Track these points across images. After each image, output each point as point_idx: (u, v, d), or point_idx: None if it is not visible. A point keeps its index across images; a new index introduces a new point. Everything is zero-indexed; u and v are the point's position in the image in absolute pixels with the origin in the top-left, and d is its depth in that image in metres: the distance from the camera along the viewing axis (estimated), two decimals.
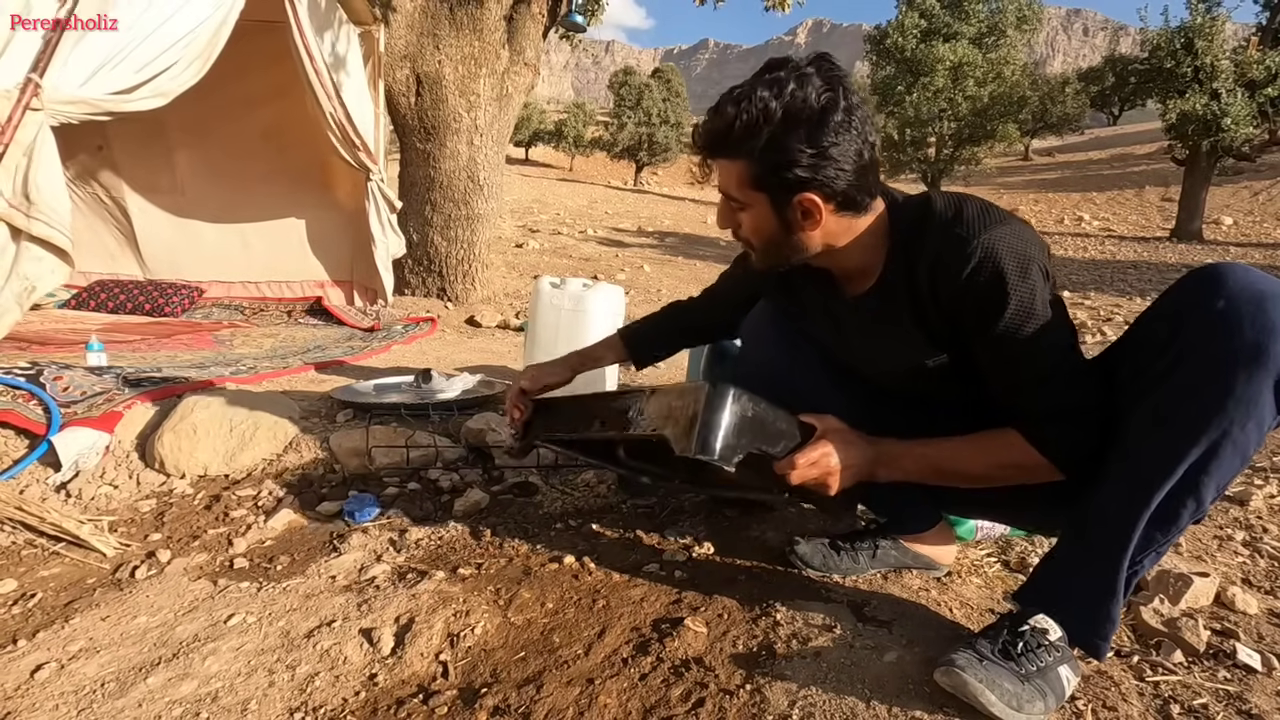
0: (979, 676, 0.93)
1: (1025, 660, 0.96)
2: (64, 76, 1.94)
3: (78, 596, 1.26)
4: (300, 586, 1.28)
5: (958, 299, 1.00)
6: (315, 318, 4.34)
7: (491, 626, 1.17)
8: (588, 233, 11.68)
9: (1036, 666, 0.96)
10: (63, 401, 1.90)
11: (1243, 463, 0.89)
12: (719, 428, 0.99)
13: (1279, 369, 0.83)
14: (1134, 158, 25.81)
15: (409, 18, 4.25)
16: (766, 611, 1.19)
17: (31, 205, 1.83)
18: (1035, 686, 0.94)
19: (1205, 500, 0.91)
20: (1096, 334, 4.39)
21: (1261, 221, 16.03)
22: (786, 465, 1.05)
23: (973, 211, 1.00)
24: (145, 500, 1.65)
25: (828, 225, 1.04)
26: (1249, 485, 1.99)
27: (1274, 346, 0.83)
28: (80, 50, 1.97)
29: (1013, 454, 1.02)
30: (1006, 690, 0.92)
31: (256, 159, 4.43)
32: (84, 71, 1.99)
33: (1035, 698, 0.93)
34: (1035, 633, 0.98)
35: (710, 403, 1.00)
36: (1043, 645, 0.97)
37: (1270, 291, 0.84)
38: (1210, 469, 0.88)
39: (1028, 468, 1.02)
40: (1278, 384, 0.84)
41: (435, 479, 1.76)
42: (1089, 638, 0.99)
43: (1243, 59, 13.16)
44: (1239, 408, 0.85)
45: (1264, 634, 1.19)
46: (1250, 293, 0.85)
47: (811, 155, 0.97)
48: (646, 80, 31.78)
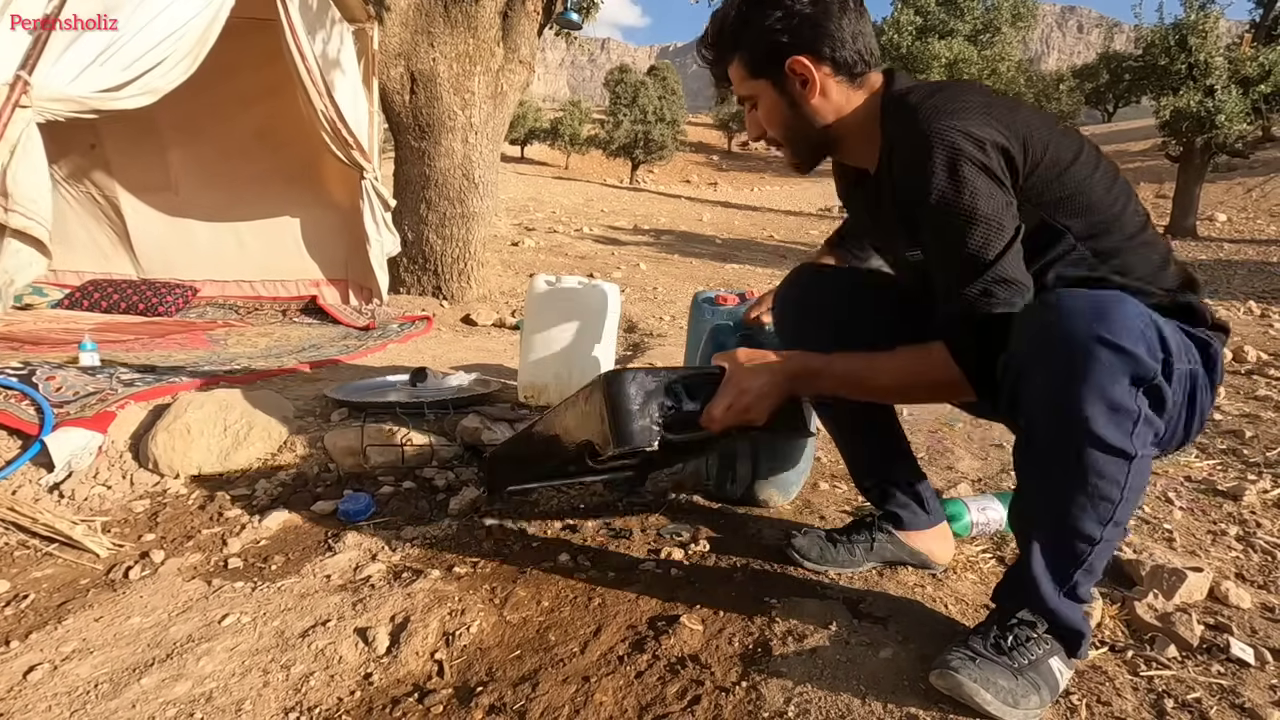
0: (973, 676, 0.93)
1: (1017, 654, 0.96)
2: (52, 74, 1.93)
3: (71, 597, 1.25)
4: (295, 586, 1.28)
5: (900, 187, 1.02)
6: (310, 316, 4.33)
7: (487, 625, 1.17)
8: (584, 231, 11.67)
9: (1029, 660, 0.96)
10: (55, 401, 1.89)
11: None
12: (629, 416, 1.03)
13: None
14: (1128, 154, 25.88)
15: (403, 15, 4.24)
16: (762, 609, 1.19)
17: (9, 199, 1.82)
18: (1029, 680, 0.94)
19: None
20: None
21: (1255, 218, 16.08)
22: (707, 420, 1.08)
23: (937, 100, 0.99)
24: (139, 500, 1.64)
25: (829, 92, 1.08)
26: (1242, 480, 2.00)
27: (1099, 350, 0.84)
28: (69, 48, 1.95)
29: (931, 367, 1.01)
30: (1001, 688, 0.92)
31: (250, 158, 4.41)
32: (72, 69, 1.98)
33: (1030, 692, 0.93)
34: (1024, 625, 0.98)
35: (611, 395, 1.04)
36: (1032, 638, 0.98)
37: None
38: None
39: (943, 384, 1.02)
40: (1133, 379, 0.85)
41: (430, 478, 1.75)
42: (1062, 633, 0.99)
43: (1236, 56, 13.19)
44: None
45: (1257, 628, 1.19)
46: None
47: (781, 18, 1.04)
48: (642, 78, 31.72)
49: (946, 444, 2.17)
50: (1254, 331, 4.17)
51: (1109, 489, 0.89)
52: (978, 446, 2.18)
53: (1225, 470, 2.13)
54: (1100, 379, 0.84)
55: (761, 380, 1.08)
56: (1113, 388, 0.85)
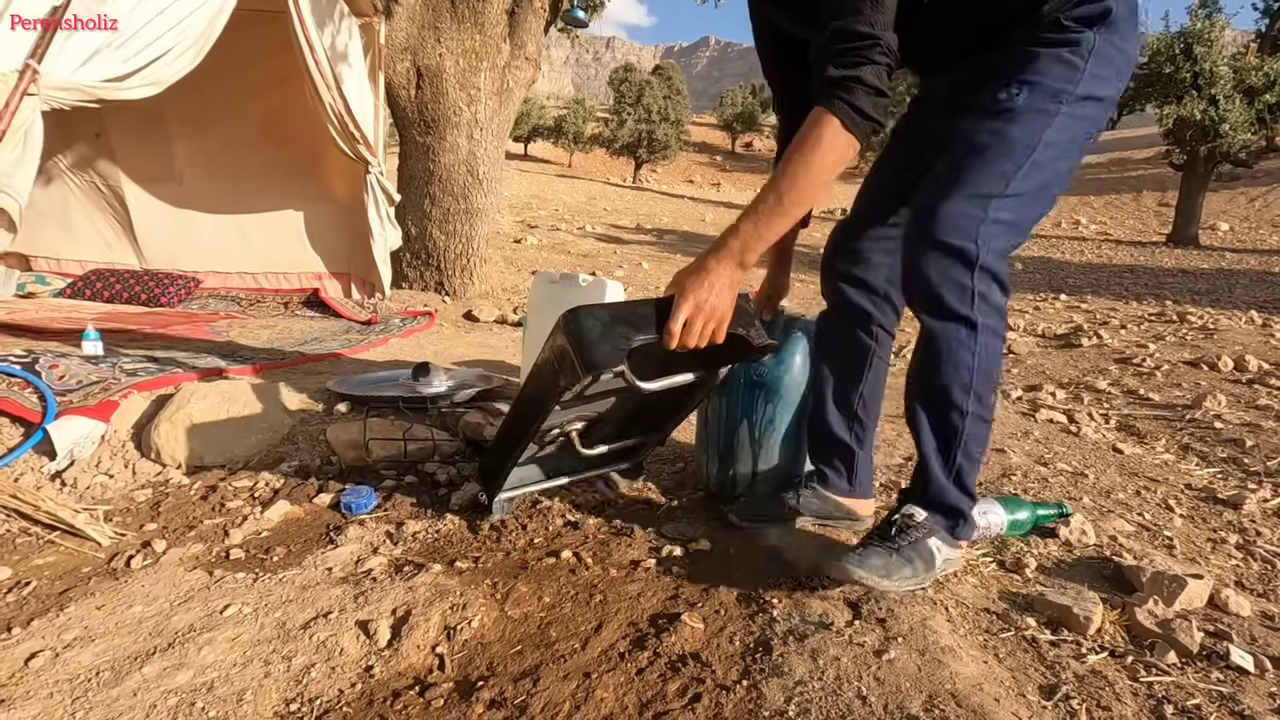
0: (853, 561, 1.16)
1: (898, 538, 1.20)
2: (59, 63, 1.92)
3: (73, 585, 1.25)
4: (296, 578, 1.28)
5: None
6: (312, 310, 4.33)
7: (489, 620, 1.17)
8: (586, 229, 11.66)
9: (908, 541, 1.19)
10: (59, 390, 1.89)
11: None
12: (591, 344, 1.10)
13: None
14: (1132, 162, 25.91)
15: (410, 10, 4.23)
16: (763, 608, 1.19)
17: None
18: (903, 556, 1.18)
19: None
20: (1093, 336, 4.39)
21: (1257, 228, 16.10)
22: (669, 339, 1.11)
23: None
24: (141, 490, 1.65)
25: None
26: (1242, 489, 2.00)
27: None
28: (76, 37, 1.95)
29: (819, 134, 1.06)
30: (875, 565, 1.16)
31: (255, 150, 4.41)
32: (79, 58, 1.98)
33: (903, 565, 1.17)
34: (905, 517, 1.23)
35: (572, 330, 1.11)
36: (912, 525, 1.21)
37: None
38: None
39: (827, 141, 1.06)
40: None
41: (432, 472, 1.75)
42: (942, 515, 1.23)
43: (1241, 65, 13.20)
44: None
45: (1257, 636, 1.20)
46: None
47: None
48: (647, 77, 31.73)
49: None
50: (1255, 341, 4.17)
51: (963, 354, 1.14)
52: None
53: (1225, 479, 2.13)
54: (943, 268, 1.11)
55: (709, 277, 1.11)
56: (951, 272, 1.11)
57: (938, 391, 1.17)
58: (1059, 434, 2.49)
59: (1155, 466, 2.20)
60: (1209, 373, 3.38)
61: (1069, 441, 2.39)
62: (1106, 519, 1.69)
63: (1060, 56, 1.10)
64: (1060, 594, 1.26)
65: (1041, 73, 1.10)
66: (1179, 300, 6.82)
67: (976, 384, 1.15)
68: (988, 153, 1.11)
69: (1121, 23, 1.11)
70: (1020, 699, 1.00)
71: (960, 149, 1.14)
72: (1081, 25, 1.09)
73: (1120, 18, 1.10)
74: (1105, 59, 1.10)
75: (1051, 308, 6.35)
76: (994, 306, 1.14)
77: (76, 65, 1.99)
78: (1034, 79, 1.10)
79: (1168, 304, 6.45)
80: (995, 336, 1.15)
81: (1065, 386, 3.23)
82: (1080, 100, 1.11)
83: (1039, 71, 1.10)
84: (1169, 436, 2.53)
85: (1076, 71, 1.10)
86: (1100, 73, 1.11)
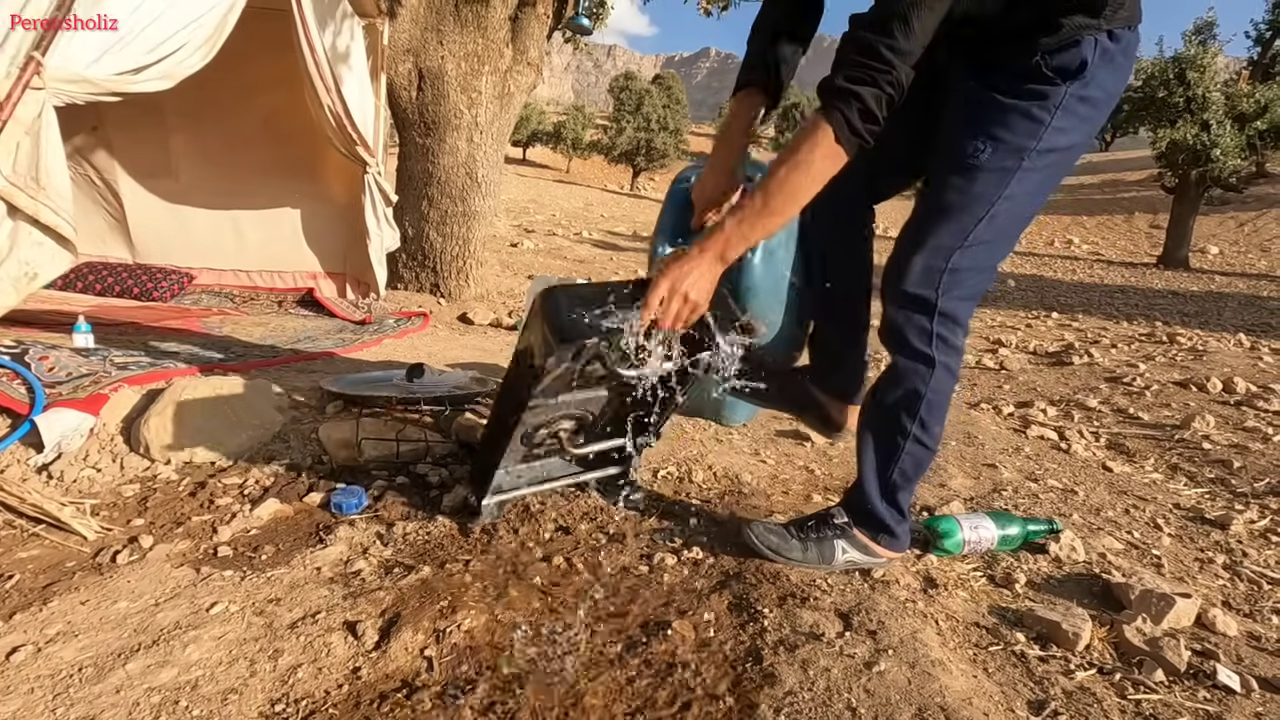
0: (754, 530, 1.38)
1: (808, 532, 1.36)
2: (69, 55, 1.91)
3: (56, 579, 1.24)
4: (285, 577, 1.27)
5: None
6: (306, 309, 4.30)
7: (478, 624, 1.16)
8: (583, 235, 11.67)
9: (815, 536, 1.36)
10: (48, 382, 1.87)
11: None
12: (565, 321, 1.12)
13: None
14: (1124, 184, 26.14)
15: (414, 12, 4.24)
16: (754, 617, 1.19)
17: (41, 190, 1.80)
18: (799, 541, 1.35)
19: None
20: (1084, 355, 4.42)
21: (1246, 252, 16.26)
22: (645, 312, 1.13)
23: None
24: (129, 485, 1.63)
25: None
26: (1230, 510, 2.01)
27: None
28: (82, 35, 1.94)
29: (813, 140, 1.07)
30: (772, 541, 1.36)
31: (253, 147, 4.39)
32: (92, 52, 1.97)
33: (795, 550, 1.35)
34: (827, 515, 1.39)
35: (547, 308, 1.14)
36: (826, 524, 1.37)
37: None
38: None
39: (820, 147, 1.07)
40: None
41: (424, 474, 1.74)
42: (862, 524, 1.36)
43: (1233, 92, 13.38)
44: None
45: (1243, 656, 1.20)
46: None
47: None
48: (647, 86, 31.87)
49: (939, 462, 2.17)
50: (1243, 363, 4.21)
51: (917, 385, 1.26)
52: (970, 466, 2.19)
53: (1213, 499, 2.15)
54: (907, 314, 1.25)
55: (690, 264, 1.12)
56: (915, 317, 1.24)
57: (888, 413, 1.31)
58: (1049, 451, 2.50)
59: (1144, 485, 2.21)
60: (1198, 393, 3.41)
61: (1059, 458, 2.41)
62: (1096, 536, 1.70)
63: (1029, 112, 1.15)
64: (1050, 609, 1.27)
65: (1009, 128, 1.16)
66: (1169, 321, 6.88)
67: (924, 413, 1.28)
68: (951, 210, 1.21)
69: (1097, 70, 1.14)
70: (1009, 714, 1.00)
71: (929, 203, 1.24)
72: (1057, 76, 1.14)
73: (1095, 66, 1.14)
74: (1071, 112, 1.15)
75: (1043, 325, 6.39)
76: (952, 347, 1.26)
77: (91, 59, 1.97)
78: (1001, 135, 1.17)
79: (1158, 325, 6.51)
80: (949, 374, 1.27)
81: (1056, 404, 3.26)
82: (1042, 154, 1.17)
83: (1007, 127, 1.16)
84: (1158, 456, 2.55)
85: (1041, 126, 1.15)
86: (1064, 125, 1.16)
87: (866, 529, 1.36)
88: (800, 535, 1.37)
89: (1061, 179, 1.26)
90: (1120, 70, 1.17)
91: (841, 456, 2.17)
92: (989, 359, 4.34)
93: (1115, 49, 1.14)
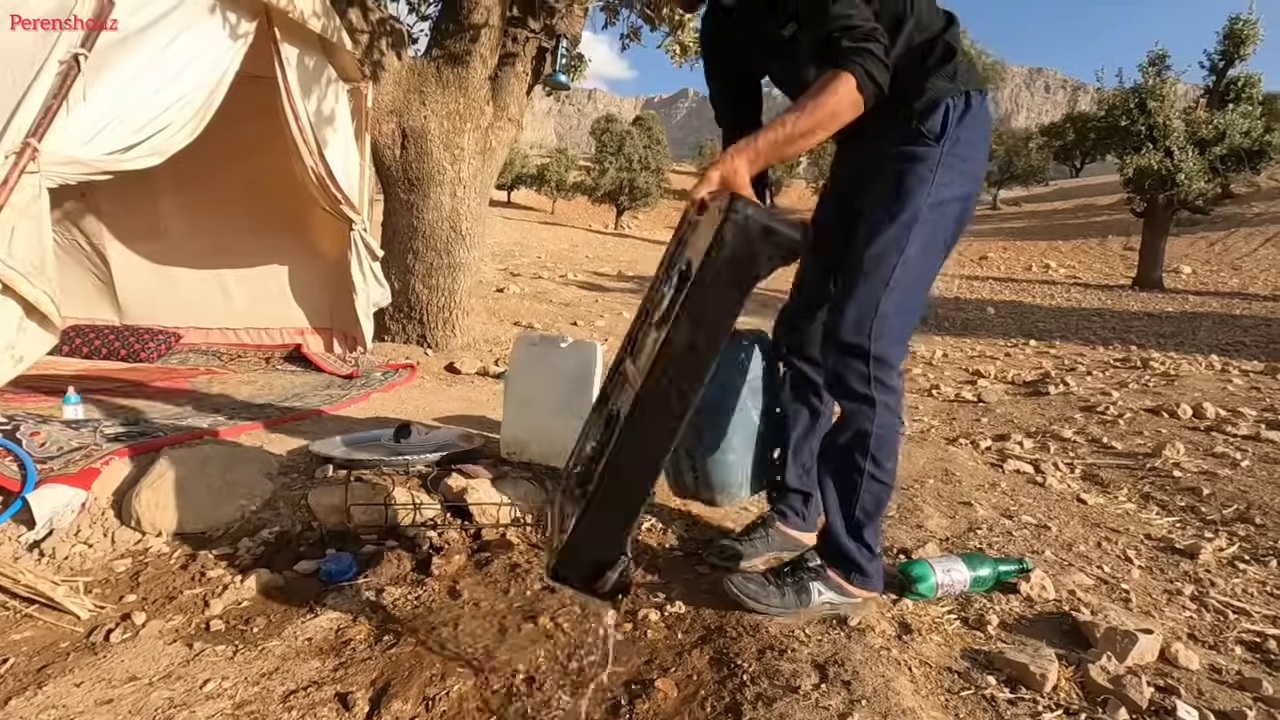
0: (734, 582, 1.43)
1: (785, 578, 1.43)
2: (63, 138, 1.99)
3: (51, 661, 1.26)
4: (276, 649, 1.30)
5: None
6: (294, 364, 4.34)
7: (467, 688, 1.19)
8: (568, 277, 11.81)
9: (792, 580, 1.42)
10: (39, 457, 1.90)
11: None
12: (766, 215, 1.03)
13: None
14: (1096, 208, 26.83)
15: (396, 75, 4.38)
16: (734, 672, 1.23)
17: (40, 274, 1.86)
18: (776, 587, 1.41)
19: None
20: (1060, 384, 4.52)
21: (1218, 271, 16.68)
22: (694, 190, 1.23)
23: None
24: (121, 560, 1.65)
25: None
26: (1199, 539, 2.08)
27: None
28: (78, 114, 2.03)
29: (835, 85, 1.18)
30: (751, 590, 1.41)
31: (239, 207, 4.47)
32: (85, 133, 2.05)
33: (773, 596, 1.41)
34: (802, 560, 1.47)
35: (748, 215, 1.02)
36: (802, 568, 1.45)
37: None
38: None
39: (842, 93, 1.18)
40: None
41: (414, 536, 1.78)
42: (834, 564, 1.44)
43: (1193, 118, 13.88)
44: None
45: (1204, 690, 1.25)
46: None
47: None
48: (628, 127, 32.54)
49: (917, 502, 2.23)
50: (1214, 387, 4.32)
51: (865, 425, 1.37)
52: (946, 504, 2.25)
53: (1184, 527, 2.21)
54: (846, 360, 1.37)
55: (720, 160, 1.22)
56: (852, 362, 1.36)
57: (842, 453, 1.43)
58: (1025, 485, 2.57)
59: (1117, 517, 2.27)
60: (1169, 420, 3.50)
61: (1034, 493, 2.47)
62: (1067, 572, 1.75)
63: (916, 172, 1.36)
64: (1019, 651, 1.31)
65: (903, 187, 1.37)
66: (1144, 345, 7.04)
67: (874, 449, 1.39)
68: (869, 263, 1.37)
69: (960, 130, 1.36)
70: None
71: (849, 261, 1.41)
72: (930, 137, 1.36)
73: (955, 125, 1.36)
74: (949, 168, 1.36)
75: (1022, 353, 6.52)
76: (889, 388, 1.38)
77: (84, 140, 2.05)
78: (898, 194, 1.36)
79: (1133, 349, 6.66)
80: (890, 411, 1.39)
81: (1033, 435, 3.33)
82: (934, 207, 1.36)
83: (902, 186, 1.37)
84: (1131, 485, 2.62)
85: (928, 184, 1.36)
86: (946, 180, 1.36)
87: (839, 569, 1.44)
88: (778, 581, 1.44)
89: (963, 223, 1.44)
90: (980, 128, 1.39)
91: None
92: (968, 391, 4.42)
93: (970, 110, 1.37)
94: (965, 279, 16.74)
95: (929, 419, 3.72)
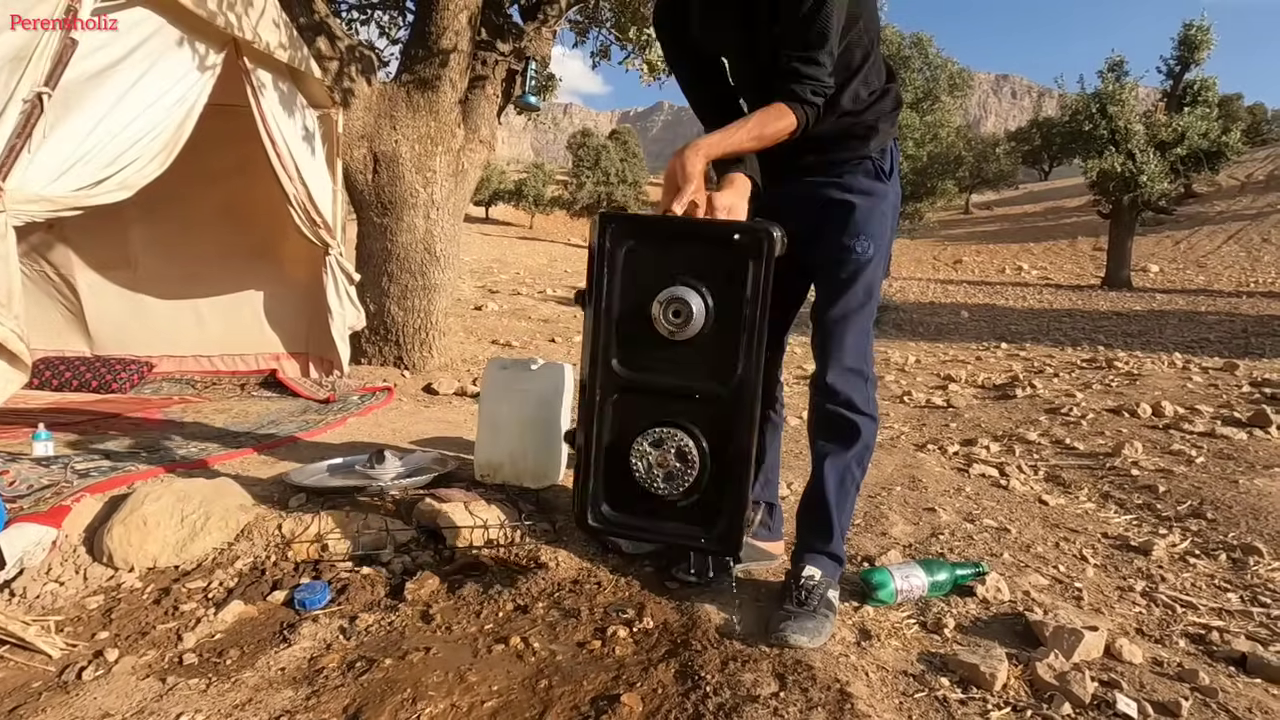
0: (794, 629, 1.39)
1: (811, 601, 1.46)
2: (27, 176, 2.01)
3: (22, 702, 1.27)
4: (250, 680, 1.32)
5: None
6: (269, 390, 4.33)
7: (438, 711, 1.22)
8: (547, 292, 11.85)
9: (817, 600, 1.47)
10: (9, 497, 1.90)
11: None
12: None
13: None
14: (1065, 210, 27.40)
15: (367, 100, 4.42)
16: (697, 684, 1.27)
17: (9, 314, 1.87)
18: (822, 615, 1.45)
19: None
20: (1027, 387, 4.63)
21: (1184, 269, 17.11)
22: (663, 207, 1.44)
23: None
24: (92, 596, 1.66)
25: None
26: (1153, 535, 2.15)
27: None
28: (44, 151, 2.04)
29: (780, 113, 1.40)
30: (809, 628, 1.40)
31: (212, 234, 4.47)
32: (51, 171, 2.06)
33: (824, 623, 1.43)
34: (807, 579, 1.51)
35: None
36: (814, 586, 1.49)
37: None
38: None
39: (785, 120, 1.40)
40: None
41: (388, 561, 1.80)
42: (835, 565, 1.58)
43: (1153, 121, 14.29)
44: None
45: (1145, 683, 1.31)
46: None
47: None
48: (604, 141, 32.79)
49: (883, 509, 2.29)
50: (1173, 385, 4.46)
51: (870, 440, 1.58)
52: (912, 511, 2.31)
53: (1140, 525, 2.29)
54: (855, 381, 1.55)
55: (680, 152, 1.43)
56: (857, 384, 1.55)
57: (848, 466, 1.59)
58: (989, 489, 2.64)
59: (1076, 516, 2.35)
60: (1129, 419, 3.61)
61: (998, 496, 2.54)
62: (1023, 574, 1.81)
63: (880, 209, 1.56)
64: (971, 653, 1.37)
65: (873, 224, 1.55)
66: (1111, 345, 7.21)
67: (867, 462, 1.62)
68: (858, 295, 1.55)
69: (896, 170, 1.61)
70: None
71: (834, 295, 1.56)
72: (885, 175, 1.58)
73: (895, 165, 1.61)
74: (894, 206, 1.60)
75: (993, 356, 6.66)
76: (876, 404, 1.60)
77: (51, 178, 2.07)
78: (871, 232, 1.54)
79: (1100, 349, 6.82)
80: (878, 425, 1.62)
81: (999, 439, 3.42)
82: (889, 239, 1.60)
83: (871, 223, 1.54)
84: (1091, 485, 2.71)
85: (887, 219, 1.58)
86: (891, 219, 1.60)
87: (837, 567, 1.60)
88: (812, 610, 1.45)
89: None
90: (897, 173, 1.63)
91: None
92: (938, 397, 4.52)
93: (897, 154, 1.62)
94: (940, 283, 17.01)
95: (899, 425, 3.80)
